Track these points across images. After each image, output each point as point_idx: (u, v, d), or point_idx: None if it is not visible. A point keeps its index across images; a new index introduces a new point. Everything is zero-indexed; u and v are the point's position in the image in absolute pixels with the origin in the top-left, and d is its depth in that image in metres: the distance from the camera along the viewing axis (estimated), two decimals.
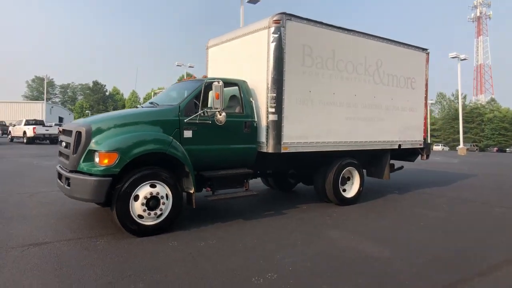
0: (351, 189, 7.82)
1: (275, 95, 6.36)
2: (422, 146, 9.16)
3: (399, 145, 8.54)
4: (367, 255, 4.69)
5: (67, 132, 5.59)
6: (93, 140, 5.11)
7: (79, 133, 5.21)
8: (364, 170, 8.45)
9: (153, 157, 5.33)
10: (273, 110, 6.37)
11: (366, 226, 6.08)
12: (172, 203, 5.37)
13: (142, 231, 5.15)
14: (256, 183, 9.38)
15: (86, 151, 5.07)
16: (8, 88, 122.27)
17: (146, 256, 4.45)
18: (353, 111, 7.53)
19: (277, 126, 6.40)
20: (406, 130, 8.69)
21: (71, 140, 5.30)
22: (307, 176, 8.00)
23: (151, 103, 6.30)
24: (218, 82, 5.65)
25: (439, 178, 12.83)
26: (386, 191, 9.64)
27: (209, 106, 6.22)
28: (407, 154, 9.34)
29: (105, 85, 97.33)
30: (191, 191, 5.63)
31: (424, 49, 9.12)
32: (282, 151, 6.48)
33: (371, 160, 8.75)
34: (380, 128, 8.07)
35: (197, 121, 5.74)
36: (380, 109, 8.07)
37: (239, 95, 6.43)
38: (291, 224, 6.04)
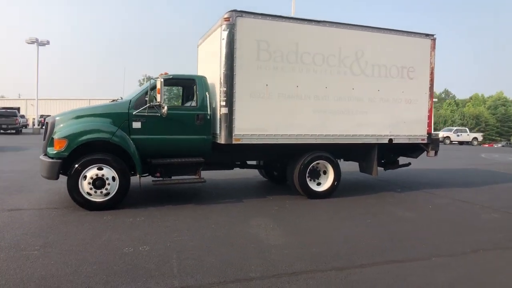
0: (325, 183, 7.70)
1: (225, 89, 6.73)
2: (425, 142, 8.37)
3: (390, 140, 8.00)
4: (270, 245, 4.87)
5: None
6: (54, 130, 6.26)
7: (47, 124, 6.43)
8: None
9: (105, 145, 6.26)
10: (224, 103, 6.76)
11: (299, 220, 6.09)
12: (119, 184, 6.23)
13: (90, 206, 6.12)
14: (249, 173, 9.78)
15: (50, 138, 6.23)
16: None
17: (77, 224, 5.39)
18: (323, 104, 7.40)
19: (228, 118, 6.76)
20: (400, 123, 8.08)
21: (44, 129, 6.57)
22: (282, 169, 8.13)
23: (121, 98, 7.26)
24: (161, 79, 6.30)
25: (475, 179, 11.28)
26: (385, 188, 9.07)
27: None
28: (408, 150, 8.65)
29: None
30: (138, 175, 6.44)
31: (428, 35, 8.30)
32: (234, 142, 6.82)
33: (360, 155, 8.39)
34: (361, 121, 7.71)
35: (146, 114, 6.48)
36: (361, 102, 7.70)
37: (195, 90, 6.97)
38: (219, 213, 6.39)
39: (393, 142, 8.03)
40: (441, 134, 35.70)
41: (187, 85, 7.91)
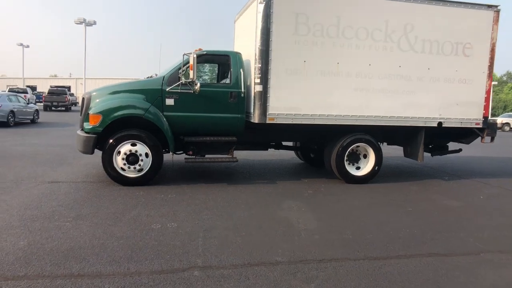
0: (365, 167, 7.27)
1: (260, 65, 6.45)
2: (480, 126, 7.62)
3: (439, 123, 7.36)
4: (300, 229, 4.65)
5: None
6: (90, 105, 6.34)
7: (83, 100, 6.53)
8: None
9: (138, 121, 6.26)
10: (258, 80, 6.49)
11: (333, 205, 5.78)
12: (152, 161, 6.24)
13: (124, 181, 6.20)
14: (286, 155, 9.51)
15: (86, 114, 6.33)
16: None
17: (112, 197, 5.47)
18: (365, 82, 6.90)
19: (263, 97, 6.50)
20: (451, 105, 7.38)
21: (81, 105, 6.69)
22: (319, 151, 7.79)
23: (156, 74, 7.21)
24: (194, 54, 6.14)
25: None
26: (431, 175, 8.43)
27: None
28: (460, 134, 7.93)
29: None
30: (171, 153, 6.41)
31: (491, 6, 7.41)
32: (268, 121, 6.57)
33: (404, 139, 7.82)
34: (408, 102, 7.13)
35: (178, 90, 6.38)
36: (409, 81, 7.10)
37: (230, 66, 6.75)
38: (250, 194, 6.20)
39: (443, 125, 7.37)
40: (500, 120, 33.02)
41: (221, 62, 7.71)
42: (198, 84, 6.21)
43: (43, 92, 39.85)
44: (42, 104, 29.58)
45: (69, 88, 40.28)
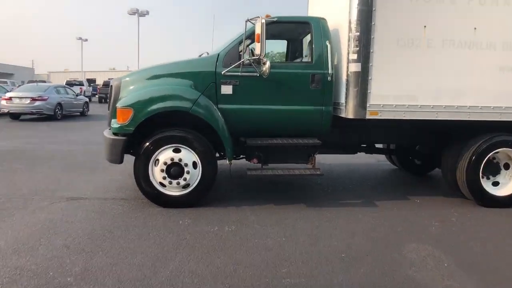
0: (509, 184, 4.91)
1: (358, 34, 4.34)
2: None
3: None
4: None
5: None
6: (120, 95, 4.63)
7: (111, 88, 4.83)
8: None
9: (182, 117, 4.45)
10: (354, 56, 4.39)
11: (481, 249, 3.56)
12: (202, 173, 4.42)
13: (163, 201, 4.45)
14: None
15: (115, 107, 4.64)
16: None
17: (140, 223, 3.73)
18: None
19: (361, 80, 4.40)
20: None
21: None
22: (431, 156, 5.52)
23: (207, 53, 5.33)
24: (262, 20, 4.15)
25: None
26: None
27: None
28: None
29: None
30: (228, 161, 4.54)
31: None
32: (368, 117, 4.47)
33: None
34: None
35: (239, 73, 4.46)
36: None
37: (311, 38, 4.70)
38: (346, 223, 4.14)
39: None
40: None
41: (295, 34, 5.67)
42: (268, 63, 4.22)
43: (99, 84, 40.43)
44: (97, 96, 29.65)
45: None
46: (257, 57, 4.20)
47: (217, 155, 4.89)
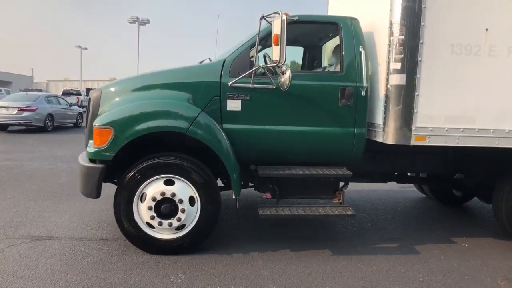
0: None
1: (403, 37, 3.42)
2: None
3: None
4: None
5: None
6: (100, 110, 3.69)
7: (89, 101, 3.88)
8: None
9: (179, 139, 3.51)
10: (398, 66, 3.46)
11: None
12: (201, 211, 3.46)
13: (151, 246, 3.48)
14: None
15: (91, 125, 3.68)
16: None
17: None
18: None
19: (405, 95, 3.47)
20: None
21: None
22: (484, 188, 4.55)
23: (210, 59, 4.40)
24: (282, 16, 3.23)
25: None
26: None
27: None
28: None
29: None
30: (234, 196, 3.57)
31: None
32: (414, 143, 3.52)
33: None
34: None
35: (250, 85, 3.53)
36: None
37: (340, 42, 3.78)
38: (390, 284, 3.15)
39: None
40: None
41: (315, 39, 4.77)
42: (288, 73, 3.28)
43: None
44: None
45: None
46: (275, 64, 3.26)
47: (222, 179, 3.95)
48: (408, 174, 4.76)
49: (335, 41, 4.35)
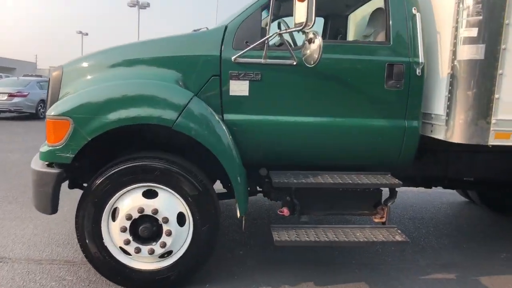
0: None
1: None
2: None
3: None
4: None
5: None
6: (59, 95, 2.72)
7: (48, 81, 2.92)
8: None
9: (165, 134, 2.56)
10: (473, 33, 2.45)
11: None
12: (194, 233, 2.52)
13: (128, 280, 2.55)
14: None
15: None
16: None
17: None
18: None
19: (482, 75, 2.47)
20: None
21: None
22: None
23: (206, 28, 3.38)
24: None
25: None
26: None
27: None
28: None
29: None
30: (239, 214, 2.62)
31: None
32: (492, 142, 2.53)
33: None
34: None
35: (262, 60, 2.54)
36: None
37: (385, 4, 2.76)
38: None
39: None
40: None
41: (340, 6, 3.74)
42: (318, 40, 2.28)
43: None
44: None
45: None
46: (300, 28, 2.26)
47: (224, 185, 3.02)
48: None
49: (369, 7, 3.35)
